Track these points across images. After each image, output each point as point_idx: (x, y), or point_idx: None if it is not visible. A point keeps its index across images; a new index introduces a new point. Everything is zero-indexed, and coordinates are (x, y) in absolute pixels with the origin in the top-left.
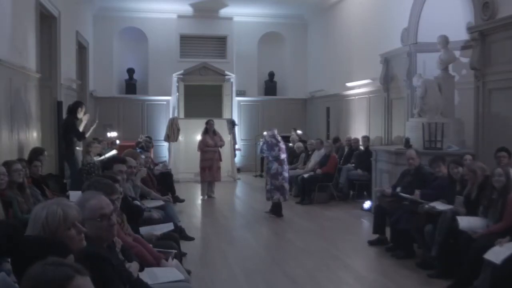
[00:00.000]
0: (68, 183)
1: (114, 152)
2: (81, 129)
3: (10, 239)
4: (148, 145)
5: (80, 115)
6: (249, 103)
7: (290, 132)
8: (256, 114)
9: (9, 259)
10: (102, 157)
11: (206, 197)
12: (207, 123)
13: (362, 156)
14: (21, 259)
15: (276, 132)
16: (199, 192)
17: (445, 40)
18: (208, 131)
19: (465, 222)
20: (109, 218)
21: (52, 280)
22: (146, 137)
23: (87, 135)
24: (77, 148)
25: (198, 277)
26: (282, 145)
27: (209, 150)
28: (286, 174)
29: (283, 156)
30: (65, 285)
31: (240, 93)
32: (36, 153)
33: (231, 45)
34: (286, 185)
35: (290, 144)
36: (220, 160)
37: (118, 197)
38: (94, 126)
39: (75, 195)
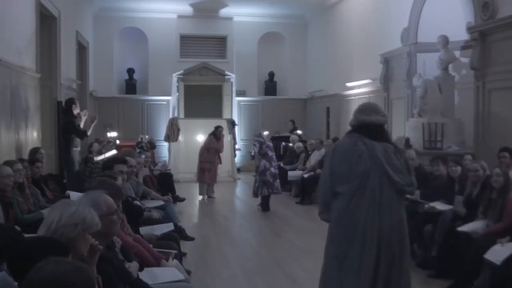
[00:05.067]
0: (67, 183)
1: (114, 152)
2: (81, 125)
3: (10, 240)
4: (148, 145)
5: (76, 111)
6: (249, 103)
7: (288, 127)
8: (256, 114)
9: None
10: (102, 157)
11: (206, 197)
12: (216, 129)
13: None
14: (21, 259)
15: (262, 133)
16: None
17: (445, 40)
18: (216, 137)
19: (465, 229)
20: (117, 212)
21: (85, 280)
22: (148, 137)
23: (89, 133)
24: (75, 148)
25: (198, 277)
26: (269, 143)
27: (212, 152)
28: (273, 170)
29: (271, 153)
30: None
31: (240, 93)
32: (35, 153)
33: (231, 45)
34: (272, 179)
35: (290, 144)
36: (220, 163)
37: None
38: (95, 123)
39: (75, 196)
